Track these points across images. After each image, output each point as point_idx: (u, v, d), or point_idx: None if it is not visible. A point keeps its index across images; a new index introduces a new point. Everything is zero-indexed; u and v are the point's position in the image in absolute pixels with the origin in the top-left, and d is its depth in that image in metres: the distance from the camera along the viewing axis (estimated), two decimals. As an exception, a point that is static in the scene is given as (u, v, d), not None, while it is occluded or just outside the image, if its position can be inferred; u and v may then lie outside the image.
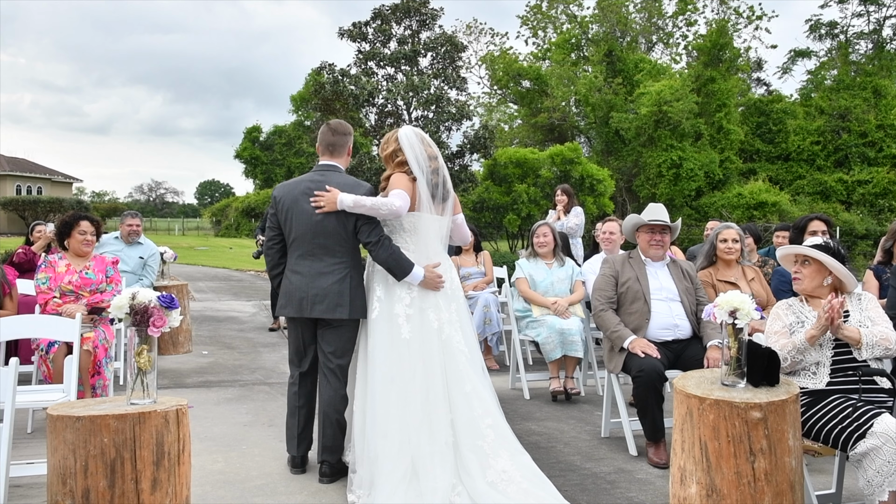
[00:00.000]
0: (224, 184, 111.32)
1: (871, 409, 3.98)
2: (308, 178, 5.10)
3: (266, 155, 52.56)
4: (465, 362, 4.72)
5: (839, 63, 38.40)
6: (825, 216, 7.03)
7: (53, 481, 3.51)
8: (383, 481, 4.37)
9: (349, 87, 21.39)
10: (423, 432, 4.49)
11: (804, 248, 4.63)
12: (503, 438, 4.60)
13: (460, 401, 4.60)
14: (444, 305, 4.84)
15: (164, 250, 9.92)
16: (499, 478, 4.39)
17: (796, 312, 4.58)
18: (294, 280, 5.02)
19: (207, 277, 21.12)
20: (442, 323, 4.77)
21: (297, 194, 5.01)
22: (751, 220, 26.59)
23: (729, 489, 3.77)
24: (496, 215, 23.78)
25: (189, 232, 63.03)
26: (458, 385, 4.63)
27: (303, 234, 4.98)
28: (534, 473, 4.54)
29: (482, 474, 4.40)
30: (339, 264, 4.97)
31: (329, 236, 4.95)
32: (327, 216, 4.91)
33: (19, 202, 44.51)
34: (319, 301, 4.92)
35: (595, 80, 32.60)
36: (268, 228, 5.26)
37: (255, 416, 6.74)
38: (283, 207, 5.05)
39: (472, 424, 4.56)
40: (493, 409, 4.69)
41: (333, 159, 5.20)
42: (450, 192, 5.03)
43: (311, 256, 4.99)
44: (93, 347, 5.96)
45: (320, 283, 4.94)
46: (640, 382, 5.51)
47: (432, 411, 4.54)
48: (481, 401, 4.65)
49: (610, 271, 6.23)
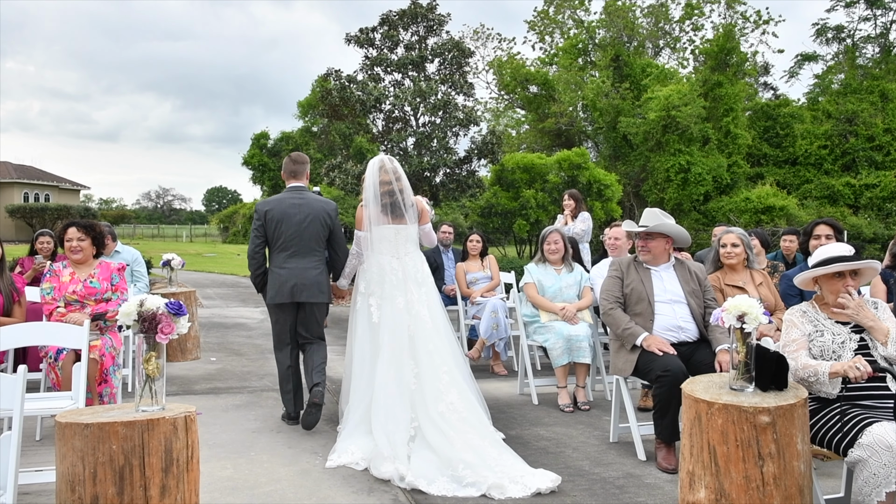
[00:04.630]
0: (232, 190, 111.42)
1: (865, 418, 3.99)
2: (289, 197, 6.69)
3: (274, 161, 52.51)
4: (431, 329, 6.11)
5: (846, 67, 38.38)
6: (833, 220, 7.02)
7: (62, 488, 3.52)
8: (353, 410, 6.02)
9: (356, 93, 21.41)
10: (391, 382, 5.88)
11: (857, 263, 4.45)
12: (455, 381, 5.94)
13: (424, 357, 5.98)
14: (415, 289, 6.24)
15: (172, 257, 9.93)
16: (447, 408, 5.74)
17: (812, 321, 4.52)
18: (283, 274, 6.52)
19: (215, 284, 21.16)
20: (411, 303, 6.16)
21: (284, 208, 6.58)
22: (759, 225, 26.55)
23: (738, 494, 3.76)
24: (504, 220, 23.81)
25: (197, 238, 63.13)
26: (423, 345, 6.03)
27: (291, 239, 6.54)
28: (474, 406, 5.93)
29: (435, 406, 5.74)
30: (318, 261, 6.66)
31: (312, 240, 6.60)
32: (311, 225, 6.58)
33: (26, 209, 44.65)
34: (307, 289, 6.53)
35: (602, 84, 32.59)
36: (254, 237, 6.65)
37: (264, 422, 6.75)
38: (273, 219, 6.56)
39: (432, 372, 5.91)
40: (450, 362, 6.04)
41: (298, 181, 6.83)
42: (407, 207, 6.38)
43: (298, 255, 6.55)
44: (99, 356, 5.89)
45: (307, 275, 6.53)
46: (666, 382, 5.44)
47: (399, 367, 5.94)
48: (441, 355, 6.03)
49: (616, 273, 6.23)
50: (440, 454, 5.36)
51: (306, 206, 6.61)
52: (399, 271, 6.26)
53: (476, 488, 5.01)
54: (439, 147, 21.10)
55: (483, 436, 5.63)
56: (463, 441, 5.45)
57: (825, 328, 4.44)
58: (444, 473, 5.19)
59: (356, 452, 5.62)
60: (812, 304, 4.63)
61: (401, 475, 5.21)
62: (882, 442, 3.80)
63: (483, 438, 5.59)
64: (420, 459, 5.38)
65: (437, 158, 20.84)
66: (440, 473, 5.20)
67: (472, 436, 5.55)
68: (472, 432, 5.60)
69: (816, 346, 4.41)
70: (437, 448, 5.43)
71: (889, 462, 3.77)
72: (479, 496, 4.95)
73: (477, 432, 5.63)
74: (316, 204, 6.67)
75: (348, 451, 5.65)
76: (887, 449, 3.78)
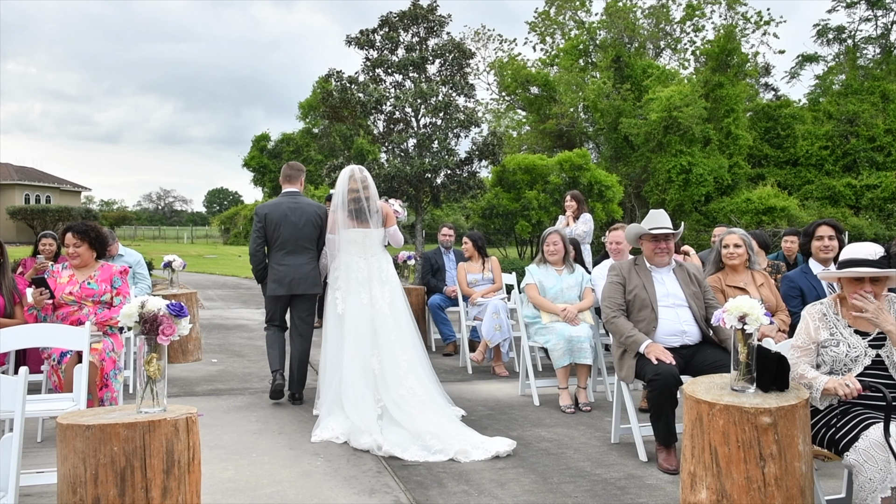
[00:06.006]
0: (233, 192, 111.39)
1: (864, 419, 3.98)
2: (286, 201, 7.55)
3: (274, 163, 52.53)
4: (391, 322, 6.77)
5: (847, 68, 38.37)
6: (834, 221, 7.01)
7: (63, 490, 3.52)
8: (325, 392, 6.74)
9: (357, 95, 21.37)
10: (356, 368, 6.57)
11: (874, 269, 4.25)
12: (413, 369, 6.61)
13: (385, 346, 6.65)
14: (378, 286, 6.89)
15: (173, 259, 9.93)
16: (407, 392, 6.44)
17: (830, 327, 4.39)
18: (282, 270, 7.43)
19: (216, 285, 21.18)
20: (374, 299, 6.83)
21: (283, 210, 7.45)
22: (759, 226, 26.53)
23: (739, 494, 3.76)
24: (505, 222, 23.81)
25: (198, 240, 63.15)
26: (385, 336, 6.69)
27: (289, 239, 7.42)
28: (432, 391, 6.62)
29: (396, 390, 6.45)
30: (311, 258, 7.55)
31: (305, 240, 7.48)
32: (306, 226, 7.45)
33: (27, 211, 44.58)
34: (303, 282, 7.46)
35: (603, 85, 32.60)
36: (255, 238, 7.54)
37: (265, 423, 6.75)
38: (272, 221, 7.44)
39: (393, 360, 6.59)
40: (410, 352, 6.71)
41: (293, 186, 7.68)
42: (372, 213, 7.01)
43: (295, 253, 7.45)
44: (100, 360, 5.87)
45: (301, 270, 7.46)
46: (656, 386, 5.48)
47: (365, 354, 6.62)
48: (401, 346, 6.70)
49: (617, 278, 6.22)
50: (407, 428, 6.12)
51: (300, 210, 7.48)
52: (364, 270, 6.94)
53: (444, 454, 5.79)
54: (440, 148, 21.06)
55: (441, 414, 6.39)
56: (424, 418, 6.20)
57: (842, 338, 4.32)
58: (415, 443, 5.94)
59: (336, 429, 6.32)
60: (834, 304, 4.49)
61: (378, 445, 5.93)
62: (877, 446, 3.80)
63: (441, 416, 6.33)
64: (393, 434, 6.09)
65: (439, 160, 20.79)
66: (412, 443, 5.95)
67: (431, 414, 6.29)
68: (431, 412, 6.33)
69: (829, 355, 4.32)
70: (402, 424, 6.18)
71: (885, 467, 3.76)
72: (447, 460, 5.73)
73: (435, 412, 6.36)
74: (308, 207, 7.54)
75: (329, 428, 6.35)
76: (882, 453, 3.78)
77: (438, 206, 25.92)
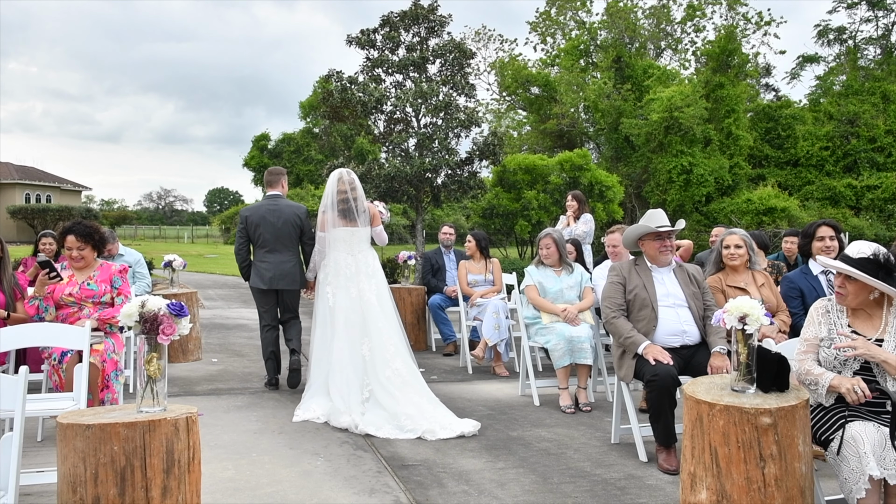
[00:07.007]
0: (233, 191, 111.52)
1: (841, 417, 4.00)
2: (266, 203, 8.22)
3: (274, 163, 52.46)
4: (378, 312, 7.23)
5: (848, 68, 38.33)
6: (834, 222, 7.00)
7: (63, 489, 3.52)
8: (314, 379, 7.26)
9: (357, 95, 21.32)
10: (345, 356, 7.05)
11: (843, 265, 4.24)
12: (399, 352, 7.11)
13: (374, 333, 7.11)
14: (366, 280, 7.36)
15: (174, 258, 9.93)
16: (392, 373, 6.94)
17: (830, 326, 4.36)
18: (264, 267, 8.04)
19: (217, 285, 21.19)
20: (362, 292, 7.29)
21: (262, 213, 8.09)
22: (760, 226, 26.50)
23: (739, 495, 3.76)
24: (506, 222, 23.78)
25: (198, 240, 63.14)
26: (374, 323, 7.15)
27: (269, 238, 8.03)
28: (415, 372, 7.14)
29: (383, 371, 6.93)
30: (291, 255, 8.14)
31: (286, 238, 8.08)
32: (284, 226, 8.05)
33: (28, 210, 44.61)
34: (284, 278, 8.05)
35: (604, 86, 32.54)
36: (238, 238, 8.27)
37: (265, 423, 6.76)
38: (252, 223, 8.10)
39: (380, 346, 7.06)
40: (395, 338, 7.19)
41: (274, 190, 8.33)
42: (360, 212, 7.47)
43: (275, 252, 8.05)
44: (100, 362, 5.85)
45: (282, 267, 8.04)
46: (654, 387, 5.49)
47: (354, 343, 7.09)
48: (387, 333, 7.16)
49: (617, 278, 6.22)
50: (388, 410, 6.68)
51: (279, 212, 8.11)
52: (352, 266, 7.40)
53: (413, 433, 6.40)
54: (441, 148, 20.99)
55: (422, 395, 6.96)
56: (406, 398, 6.78)
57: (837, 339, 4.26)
58: (390, 423, 6.55)
59: (317, 410, 6.96)
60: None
61: (355, 423, 6.57)
62: (849, 448, 3.83)
63: (421, 397, 6.92)
64: (372, 415, 6.71)
65: (439, 159, 20.73)
66: (386, 423, 6.57)
67: (412, 394, 6.87)
68: (413, 392, 6.91)
69: (822, 355, 4.32)
70: (385, 406, 6.74)
71: (857, 468, 3.77)
72: (416, 438, 6.34)
73: (416, 392, 6.94)
74: (287, 209, 8.16)
75: (310, 409, 6.99)
76: (854, 455, 3.80)
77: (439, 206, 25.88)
